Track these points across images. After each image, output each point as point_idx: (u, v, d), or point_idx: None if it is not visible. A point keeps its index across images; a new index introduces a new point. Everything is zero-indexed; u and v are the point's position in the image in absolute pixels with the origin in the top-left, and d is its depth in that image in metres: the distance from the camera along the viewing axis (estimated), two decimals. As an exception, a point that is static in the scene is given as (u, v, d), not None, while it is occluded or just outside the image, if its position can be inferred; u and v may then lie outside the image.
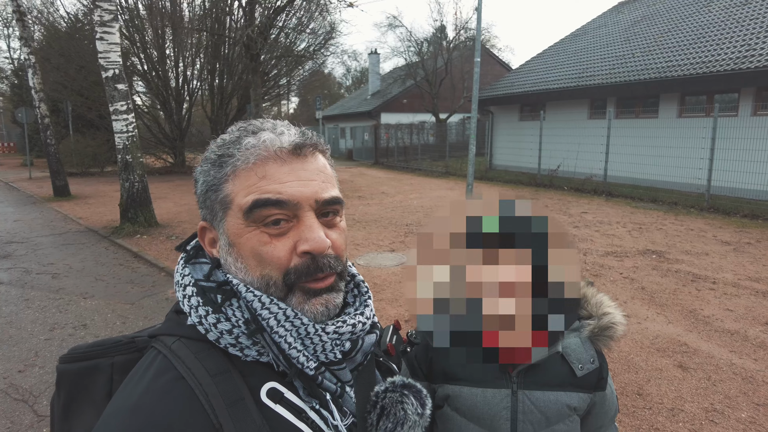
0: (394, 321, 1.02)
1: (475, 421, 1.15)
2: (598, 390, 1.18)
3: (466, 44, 25.00)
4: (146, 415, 0.58)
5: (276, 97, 26.32)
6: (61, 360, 0.75)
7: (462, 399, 1.16)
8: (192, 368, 0.63)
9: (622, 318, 1.20)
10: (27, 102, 19.63)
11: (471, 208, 0.92)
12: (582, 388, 1.15)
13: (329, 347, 0.69)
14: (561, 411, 1.13)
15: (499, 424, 1.13)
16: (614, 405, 1.23)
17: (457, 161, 19.21)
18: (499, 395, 1.14)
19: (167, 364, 0.63)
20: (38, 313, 5.01)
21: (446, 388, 1.20)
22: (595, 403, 1.19)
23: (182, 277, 0.71)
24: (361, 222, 9.40)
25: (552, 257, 0.93)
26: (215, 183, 0.68)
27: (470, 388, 1.16)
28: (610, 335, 1.18)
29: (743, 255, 6.72)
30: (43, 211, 11.38)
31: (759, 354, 3.89)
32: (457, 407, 1.18)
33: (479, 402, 1.15)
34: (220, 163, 0.68)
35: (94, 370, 0.73)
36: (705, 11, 14.41)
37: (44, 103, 12.71)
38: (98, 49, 8.10)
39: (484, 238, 0.90)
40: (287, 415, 0.64)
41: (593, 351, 1.17)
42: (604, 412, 1.21)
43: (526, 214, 0.94)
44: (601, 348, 1.19)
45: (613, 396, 1.22)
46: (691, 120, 12.22)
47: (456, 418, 1.18)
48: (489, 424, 1.14)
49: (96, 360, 0.73)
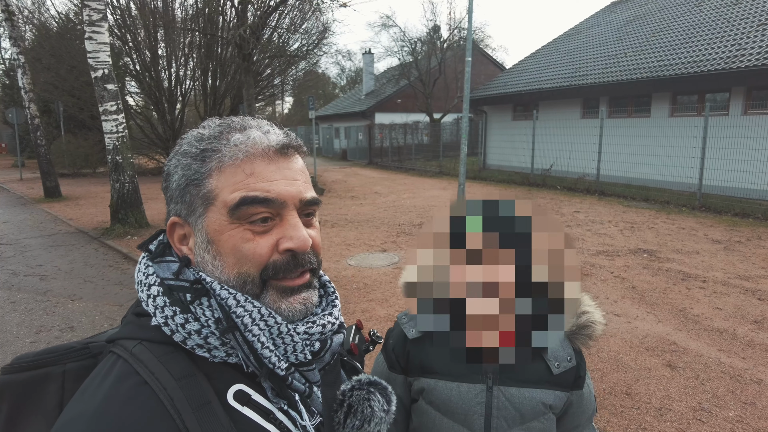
0: (357, 321, 1.01)
1: (449, 416, 1.15)
2: (575, 389, 1.17)
3: (460, 44, 25.05)
4: (109, 422, 0.55)
5: (269, 97, 26.26)
6: (5, 370, 0.71)
7: (437, 393, 1.16)
8: (155, 372, 0.60)
9: (600, 317, 1.19)
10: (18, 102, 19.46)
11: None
12: (558, 386, 1.14)
13: (300, 348, 0.68)
14: (536, 408, 1.12)
15: (473, 419, 1.13)
16: (592, 404, 1.22)
17: (450, 161, 19.24)
18: (474, 390, 1.13)
19: (129, 369, 0.61)
20: (24, 316, 4.95)
21: (422, 381, 1.19)
22: (572, 402, 1.18)
23: (146, 277, 0.68)
24: (353, 222, 9.37)
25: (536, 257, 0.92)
26: (197, 178, 0.66)
27: (445, 382, 1.15)
28: (588, 334, 1.17)
29: (733, 253, 6.75)
30: (33, 212, 11.29)
31: (747, 352, 3.90)
32: (431, 401, 1.18)
33: (454, 396, 1.14)
34: (203, 158, 0.67)
35: (44, 378, 0.70)
36: (696, 11, 14.49)
37: (34, 103, 12.61)
38: (87, 48, 8.03)
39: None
40: (255, 417, 0.63)
41: (570, 349, 1.16)
42: (581, 411, 1.20)
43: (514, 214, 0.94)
44: (580, 347, 1.18)
45: (590, 395, 1.21)
46: (683, 119, 12.28)
47: (430, 412, 1.18)
48: (463, 419, 1.14)
49: (46, 368, 0.70)
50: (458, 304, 0.96)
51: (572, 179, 13.71)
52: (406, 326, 1.23)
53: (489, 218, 0.94)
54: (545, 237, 0.93)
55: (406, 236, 8.09)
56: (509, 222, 0.94)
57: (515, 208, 0.94)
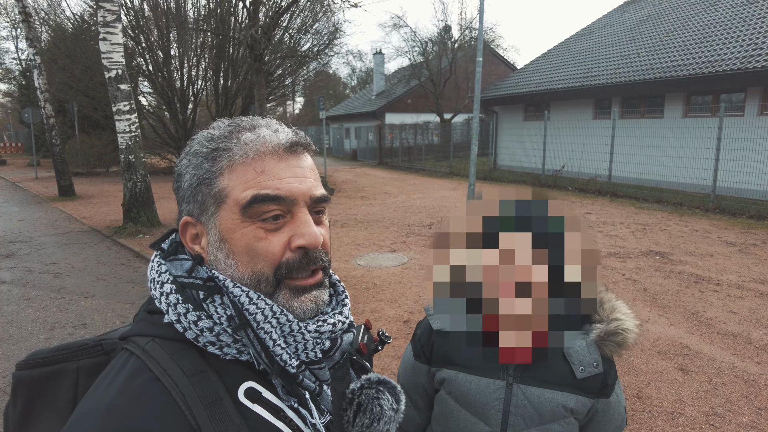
0: (365, 320, 1.02)
1: (467, 408, 1.15)
2: (602, 396, 1.14)
3: (471, 44, 24.96)
4: (122, 417, 0.56)
5: (281, 98, 26.36)
6: (20, 366, 0.72)
7: (457, 384, 1.17)
8: (167, 369, 0.61)
9: (633, 326, 1.16)
10: (33, 103, 19.78)
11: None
12: (582, 391, 1.12)
13: (311, 346, 0.68)
14: (555, 410, 1.11)
15: (490, 414, 1.13)
16: (620, 416, 1.19)
17: (460, 161, 19.18)
18: (494, 386, 1.13)
19: (141, 366, 0.62)
20: (39, 313, 5.03)
21: (444, 371, 1.20)
22: (597, 410, 1.15)
23: (159, 275, 0.69)
24: (363, 222, 9.38)
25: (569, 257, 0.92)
26: (209, 177, 0.67)
27: (466, 375, 1.16)
28: (619, 342, 1.14)
29: (748, 256, 6.64)
30: (47, 210, 11.46)
31: (762, 357, 3.84)
32: (451, 391, 1.18)
33: (472, 389, 1.14)
34: (213, 157, 0.67)
35: (58, 374, 0.71)
36: (711, 10, 14.29)
37: (50, 103, 12.79)
38: (101, 49, 8.14)
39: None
40: (265, 415, 0.63)
41: (598, 355, 1.14)
42: (607, 420, 1.17)
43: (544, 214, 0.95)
44: (610, 355, 1.15)
45: (619, 406, 1.18)
46: (697, 120, 12.12)
47: (450, 402, 1.19)
48: (480, 413, 1.14)
49: (61, 364, 0.72)
50: (490, 304, 0.97)
51: (584, 180, 13.59)
52: (433, 317, 1.24)
53: (521, 218, 0.95)
54: (578, 237, 0.93)
55: (416, 236, 8.08)
56: (542, 222, 0.94)
57: (548, 208, 0.94)
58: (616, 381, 1.18)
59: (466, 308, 1.00)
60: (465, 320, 1.00)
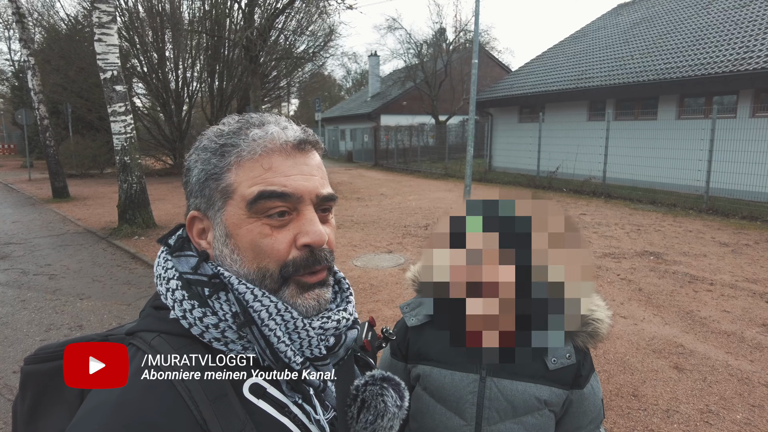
0: (369, 317, 1.03)
1: (442, 403, 1.16)
2: (576, 388, 1.14)
3: (466, 46, 25.07)
4: (131, 411, 0.57)
5: (276, 99, 26.35)
6: (28, 361, 0.72)
7: (431, 379, 1.18)
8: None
9: (605, 317, 1.16)
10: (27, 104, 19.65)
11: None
12: (555, 382, 1.12)
13: (315, 342, 0.69)
14: (529, 402, 1.11)
15: (465, 408, 1.13)
16: (596, 408, 1.18)
17: (456, 163, 19.23)
18: (467, 379, 1.14)
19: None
20: (34, 314, 5.00)
21: (419, 368, 1.22)
22: (572, 402, 1.15)
23: (165, 270, 0.69)
24: (359, 223, 9.39)
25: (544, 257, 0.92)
26: (216, 172, 0.68)
27: (440, 370, 1.17)
28: (590, 332, 1.14)
29: (741, 256, 6.71)
30: (41, 212, 11.39)
31: (755, 355, 3.88)
32: (426, 387, 1.19)
33: (447, 384, 1.15)
34: (222, 152, 0.68)
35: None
36: (704, 13, 14.43)
37: (43, 104, 12.72)
38: (96, 50, 8.11)
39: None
40: (270, 410, 0.64)
41: (571, 346, 1.14)
42: (582, 412, 1.17)
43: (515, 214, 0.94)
44: (584, 346, 1.15)
45: (594, 398, 1.18)
46: (690, 122, 12.22)
47: (425, 398, 1.19)
48: (455, 407, 1.14)
49: None
50: (458, 304, 0.97)
51: (578, 181, 13.66)
52: (407, 315, 1.26)
53: (489, 218, 0.95)
54: (545, 237, 0.93)
55: (412, 237, 8.10)
56: (509, 222, 0.94)
57: (515, 208, 0.94)
58: (592, 373, 1.17)
59: (433, 308, 1.00)
60: (434, 319, 1.01)
